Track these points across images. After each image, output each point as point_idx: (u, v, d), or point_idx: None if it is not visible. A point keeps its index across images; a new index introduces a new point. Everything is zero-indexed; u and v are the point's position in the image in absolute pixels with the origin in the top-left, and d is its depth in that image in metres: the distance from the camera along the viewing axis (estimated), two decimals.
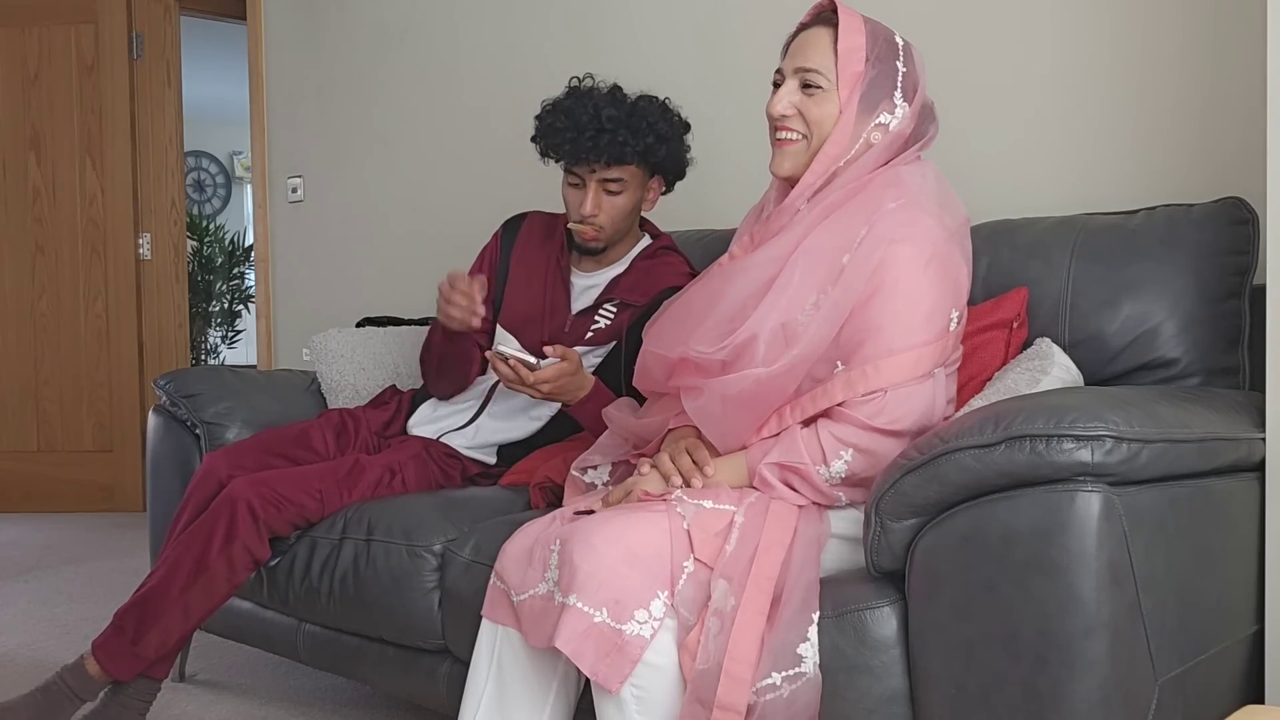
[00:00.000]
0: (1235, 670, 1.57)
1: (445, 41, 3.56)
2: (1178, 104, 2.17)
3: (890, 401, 1.60)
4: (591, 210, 2.21)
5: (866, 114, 1.70)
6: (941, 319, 1.65)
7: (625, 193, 2.22)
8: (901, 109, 1.71)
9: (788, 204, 1.73)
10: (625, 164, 2.18)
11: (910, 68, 1.72)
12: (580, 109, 2.16)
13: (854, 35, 1.69)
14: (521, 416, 2.34)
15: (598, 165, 2.17)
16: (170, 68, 4.87)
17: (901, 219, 1.64)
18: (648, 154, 2.19)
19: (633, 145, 2.15)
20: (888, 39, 1.72)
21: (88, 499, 4.84)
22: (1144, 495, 1.38)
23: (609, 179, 2.19)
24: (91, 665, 2.05)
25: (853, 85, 1.69)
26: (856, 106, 1.69)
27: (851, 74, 1.69)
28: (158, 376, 2.77)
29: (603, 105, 2.15)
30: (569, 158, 2.19)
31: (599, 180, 2.19)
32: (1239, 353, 1.85)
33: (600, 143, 2.14)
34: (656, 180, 2.28)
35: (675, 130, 2.24)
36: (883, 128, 1.70)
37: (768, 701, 1.42)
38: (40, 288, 4.84)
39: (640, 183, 2.24)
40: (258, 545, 2.08)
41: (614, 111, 2.14)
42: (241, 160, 9.30)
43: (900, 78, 1.71)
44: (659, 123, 2.18)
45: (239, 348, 8.18)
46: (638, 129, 2.15)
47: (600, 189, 2.20)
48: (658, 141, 2.18)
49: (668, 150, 2.21)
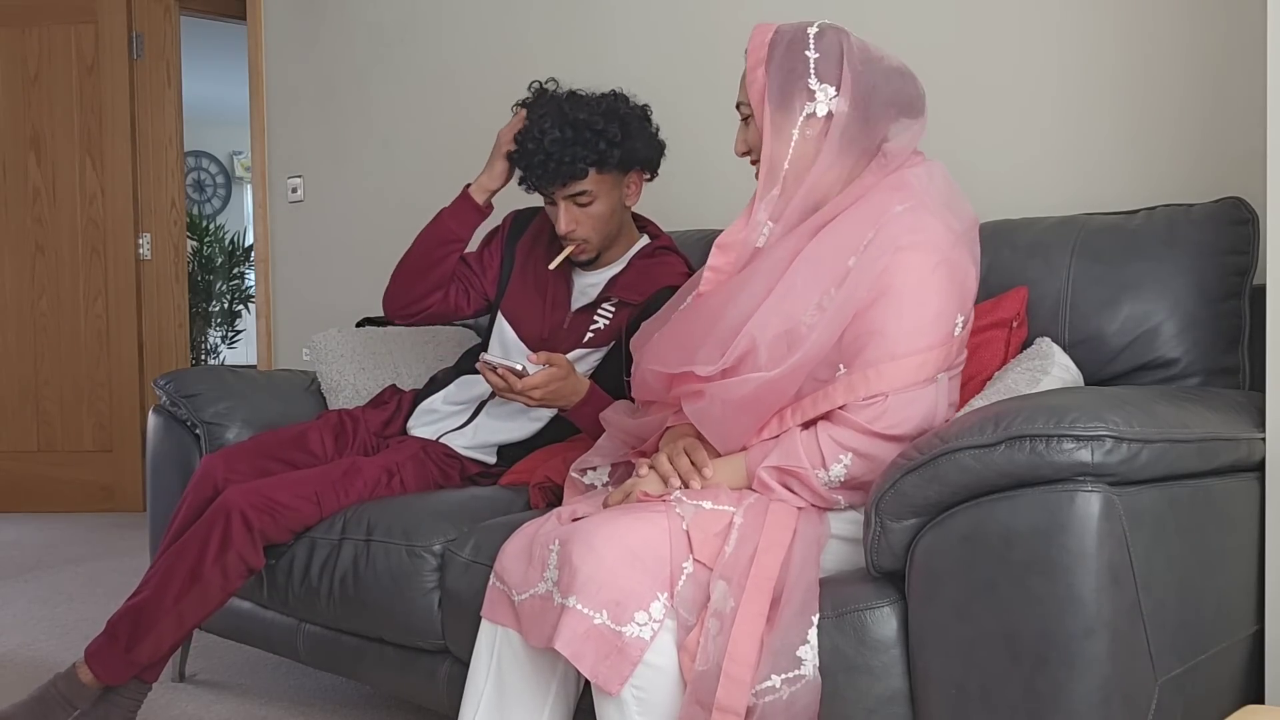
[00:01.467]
0: (1235, 670, 1.57)
1: (445, 41, 3.56)
2: (1178, 104, 2.17)
3: (891, 406, 1.59)
4: (567, 227, 2.21)
5: (784, 113, 1.68)
6: (947, 324, 1.64)
7: (597, 201, 2.21)
8: (824, 92, 1.67)
9: (754, 221, 1.72)
10: (581, 178, 2.17)
11: (826, 50, 1.67)
12: (527, 136, 2.17)
13: (754, 54, 1.70)
14: (521, 418, 2.34)
15: (556, 186, 2.18)
16: (170, 68, 4.87)
17: (909, 223, 1.63)
18: (601, 162, 2.17)
19: (583, 159, 2.15)
20: (794, 36, 1.69)
21: (88, 499, 4.84)
22: (1144, 495, 1.38)
23: (574, 194, 2.19)
24: (84, 673, 2.06)
25: (760, 99, 1.70)
26: (768, 114, 1.69)
27: (757, 90, 1.70)
28: (158, 376, 2.77)
29: (548, 129, 2.14)
30: (530, 186, 2.22)
31: (565, 197, 2.19)
32: (1239, 353, 1.85)
33: (549, 167, 2.14)
34: (634, 174, 2.27)
35: (629, 126, 2.21)
36: (813, 118, 1.68)
37: (767, 703, 1.42)
38: (40, 288, 4.84)
39: (612, 185, 2.23)
40: (252, 554, 2.08)
41: (558, 133, 2.13)
42: (241, 160, 9.30)
43: (812, 64, 1.67)
44: (608, 128, 2.16)
45: (239, 348, 8.18)
46: (586, 141, 2.14)
47: (570, 204, 2.20)
48: (610, 147, 2.17)
49: (624, 151, 2.19)
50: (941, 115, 2.41)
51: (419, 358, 2.81)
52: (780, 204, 1.70)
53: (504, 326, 2.36)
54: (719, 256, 1.74)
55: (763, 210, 1.71)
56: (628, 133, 2.20)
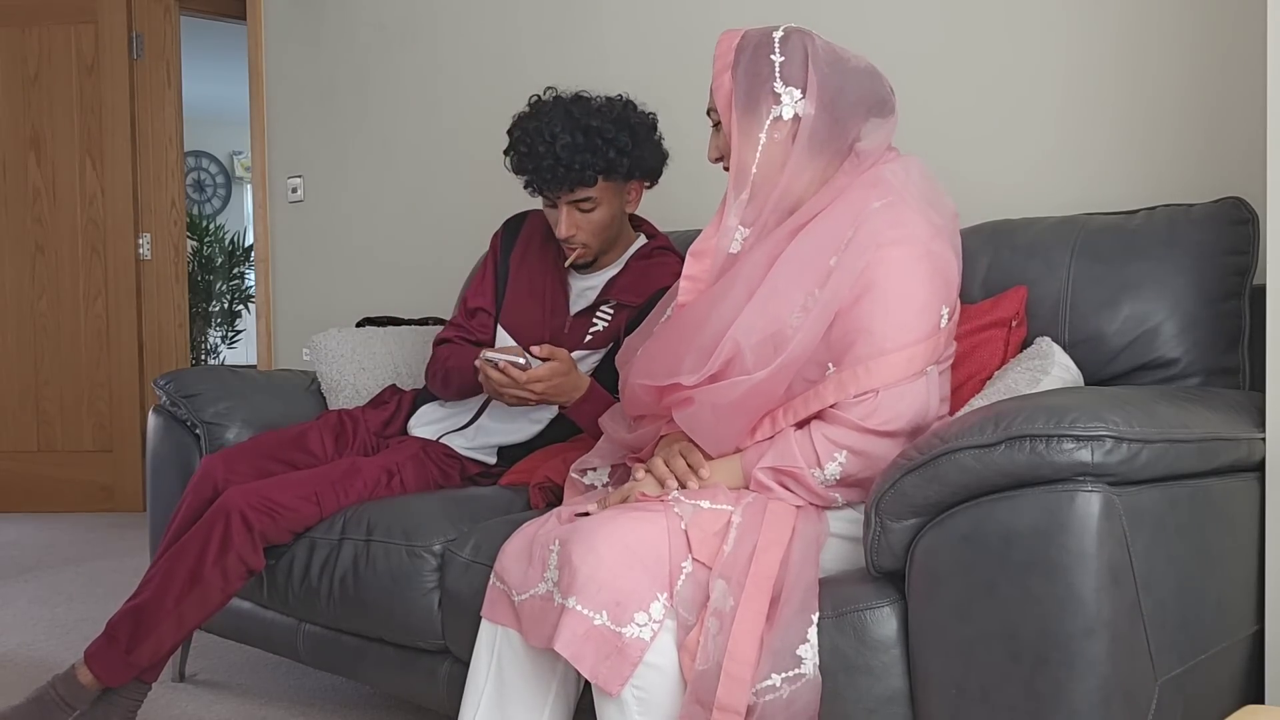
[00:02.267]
0: (1235, 670, 1.57)
1: (445, 42, 3.56)
2: (1178, 104, 2.16)
3: (883, 402, 1.59)
4: (568, 232, 2.20)
5: (750, 117, 1.69)
6: (932, 316, 1.64)
7: (600, 208, 2.20)
8: (790, 95, 1.67)
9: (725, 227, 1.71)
10: (589, 185, 2.17)
11: (790, 54, 1.68)
12: (536, 138, 2.15)
13: (720, 60, 1.71)
14: (522, 419, 2.34)
15: (563, 191, 2.17)
16: (170, 68, 4.87)
17: (889, 219, 1.63)
18: (610, 170, 2.17)
19: (593, 167, 2.14)
20: (760, 41, 1.70)
21: (88, 499, 4.84)
22: (1144, 495, 1.38)
23: (578, 200, 2.18)
24: (84, 674, 2.06)
25: (727, 104, 1.70)
26: (735, 119, 1.69)
27: (723, 95, 1.71)
28: (158, 376, 2.77)
29: (559, 133, 2.13)
30: (534, 189, 2.21)
31: (569, 203, 2.19)
32: (1239, 353, 1.85)
33: (558, 172, 2.13)
34: (635, 183, 2.26)
35: (638, 136, 2.20)
36: (779, 121, 1.68)
37: (767, 702, 1.42)
38: (40, 288, 4.84)
39: (615, 193, 2.22)
40: (252, 556, 2.08)
41: (569, 139, 2.12)
42: (241, 160, 9.30)
43: (778, 68, 1.67)
44: (618, 136, 2.16)
45: (239, 348, 8.18)
46: (595, 149, 2.14)
47: (573, 209, 2.19)
48: (619, 155, 2.16)
49: (632, 159, 2.19)
50: (941, 115, 2.42)
51: (419, 358, 2.81)
52: (752, 209, 1.70)
53: (505, 338, 2.35)
54: (694, 264, 1.74)
55: (733, 215, 1.71)
56: (637, 142, 2.20)
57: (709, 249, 1.73)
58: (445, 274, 3.31)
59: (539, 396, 2.07)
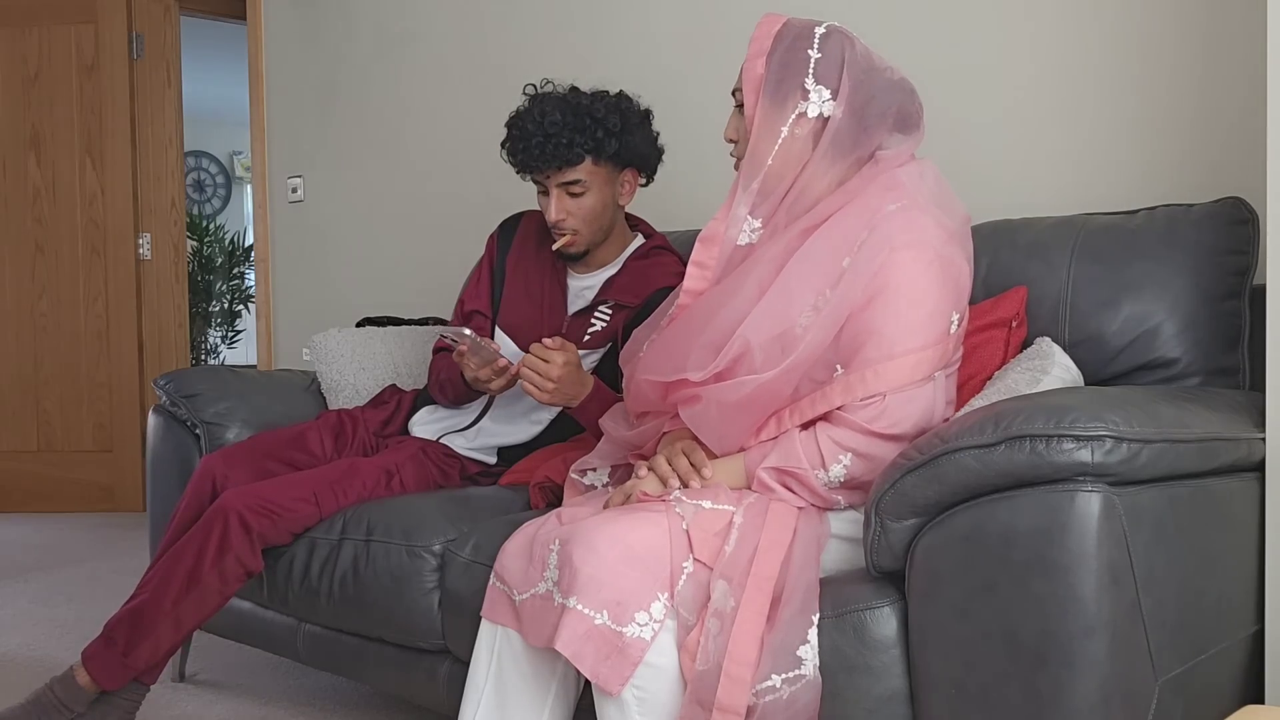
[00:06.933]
0: (1235, 670, 1.57)
1: (445, 42, 3.56)
2: (1178, 104, 2.17)
3: (890, 406, 1.59)
4: (558, 215, 2.20)
5: (776, 108, 1.68)
6: (942, 322, 1.63)
7: (589, 193, 2.20)
8: (819, 93, 1.66)
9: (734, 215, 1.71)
10: (576, 164, 2.17)
11: (828, 53, 1.67)
12: (528, 118, 2.17)
13: (758, 43, 1.69)
14: (522, 420, 2.34)
15: (551, 170, 2.17)
16: (170, 68, 4.87)
17: (902, 223, 1.62)
18: (598, 150, 2.17)
19: (580, 145, 2.15)
20: (800, 33, 1.69)
21: (88, 499, 4.84)
22: (1144, 495, 1.38)
23: (567, 182, 2.18)
24: (82, 676, 2.06)
25: (755, 89, 1.69)
26: (761, 106, 1.68)
27: (753, 79, 1.69)
28: (158, 376, 2.77)
29: (549, 111, 2.15)
30: (523, 167, 2.21)
31: (558, 185, 2.19)
32: (1239, 353, 1.85)
33: (547, 149, 2.14)
34: (629, 173, 2.26)
35: (629, 121, 2.21)
36: (804, 118, 1.67)
37: (767, 703, 1.42)
38: (40, 288, 4.84)
39: (606, 179, 2.22)
40: (250, 557, 2.08)
41: (558, 116, 2.14)
42: (241, 160, 9.30)
43: (812, 64, 1.67)
44: (608, 117, 2.17)
45: (239, 348, 8.18)
46: (583, 127, 2.14)
47: (562, 193, 2.20)
48: (607, 136, 2.16)
49: (621, 143, 2.19)
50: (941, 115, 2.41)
51: (419, 358, 2.81)
52: (762, 201, 1.70)
53: (504, 340, 2.35)
54: (702, 251, 1.74)
55: (742, 204, 1.71)
56: (627, 126, 2.20)
57: (717, 235, 1.73)
58: (445, 274, 3.31)
59: (550, 394, 2.05)
